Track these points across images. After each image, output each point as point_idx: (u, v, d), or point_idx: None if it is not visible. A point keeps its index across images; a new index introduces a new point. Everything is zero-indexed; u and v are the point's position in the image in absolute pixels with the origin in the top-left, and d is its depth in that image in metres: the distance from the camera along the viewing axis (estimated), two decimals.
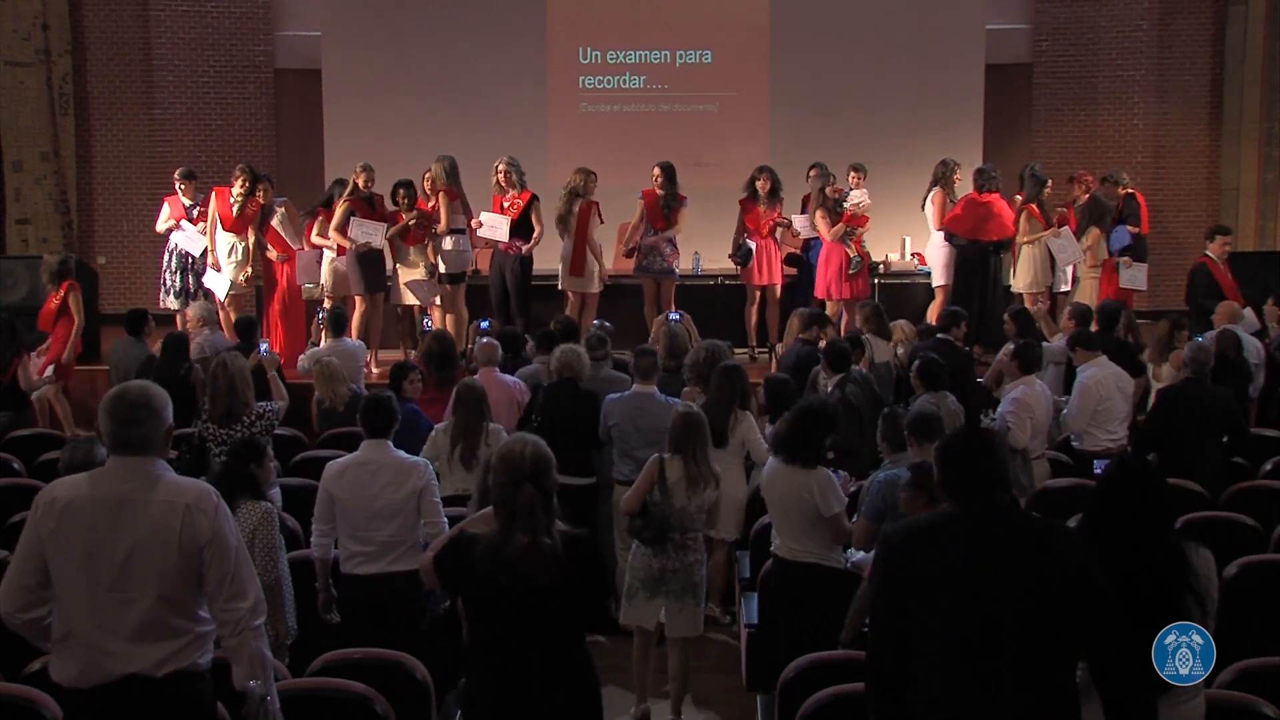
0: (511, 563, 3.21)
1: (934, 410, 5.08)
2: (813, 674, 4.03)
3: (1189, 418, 6.58)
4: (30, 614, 3.31)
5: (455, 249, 9.81)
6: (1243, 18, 12.71)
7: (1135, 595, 3.23)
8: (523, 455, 3.31)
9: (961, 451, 3.09)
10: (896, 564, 3.05)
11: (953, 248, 10.00)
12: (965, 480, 3.06)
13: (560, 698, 3.31)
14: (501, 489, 3.29)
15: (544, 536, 3.23)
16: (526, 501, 3.24)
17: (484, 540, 3.27)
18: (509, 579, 3.21)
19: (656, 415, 6.13)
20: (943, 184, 10.19)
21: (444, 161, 9.82)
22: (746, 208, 10.11)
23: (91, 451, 4.69)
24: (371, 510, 4.85)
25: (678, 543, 5.28)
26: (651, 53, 12.54)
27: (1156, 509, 3.39)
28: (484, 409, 6.16)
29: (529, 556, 3.21)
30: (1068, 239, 9.85)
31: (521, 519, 3.23)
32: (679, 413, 5.42)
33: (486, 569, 3.23)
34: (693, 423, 5.31)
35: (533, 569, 3.20)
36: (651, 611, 5.34)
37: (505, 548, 3.23)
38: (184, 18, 12.94)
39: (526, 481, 3.26)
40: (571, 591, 3.26)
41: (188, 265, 10.12)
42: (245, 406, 6.01)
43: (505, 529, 3.25)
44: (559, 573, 3.22)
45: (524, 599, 3.22)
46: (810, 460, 5.07)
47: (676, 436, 5.30)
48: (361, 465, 4.94)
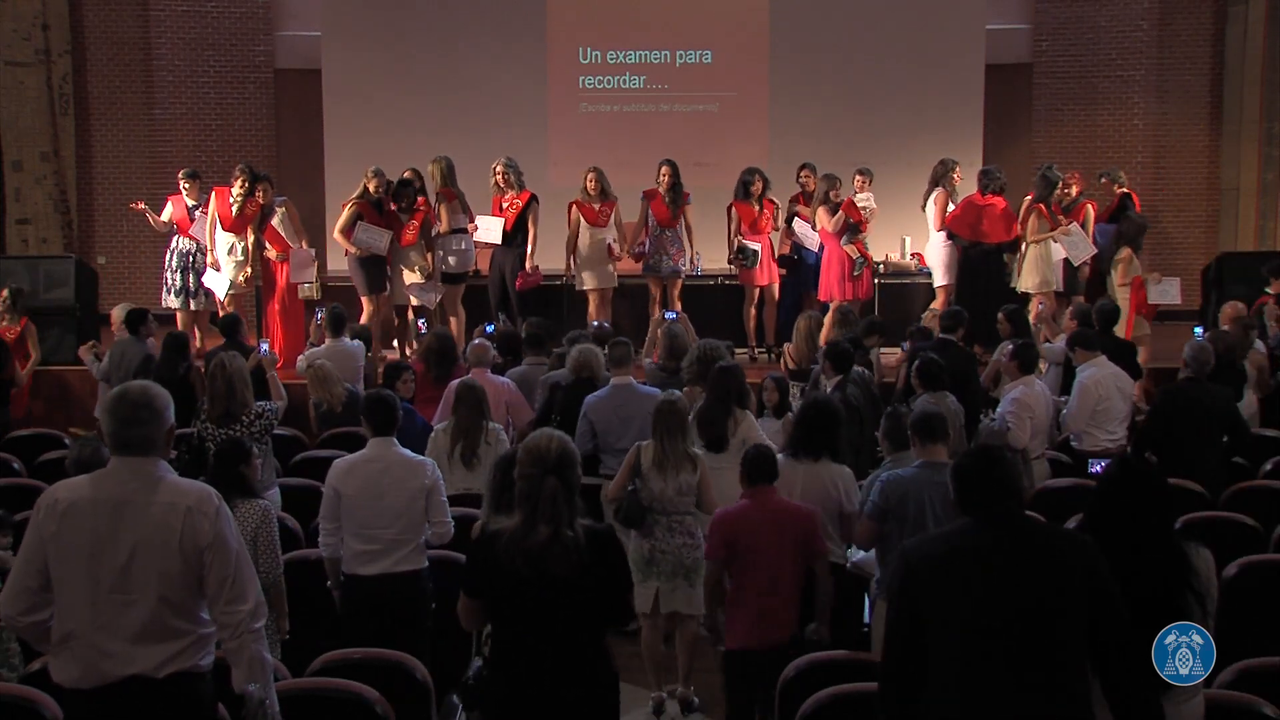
0: (533, 553, 3.23)
1: (937, 410, 5.08)
2: (813, 674, 4.03)
3: (1188, 417, 6.58)
4: (33, 617, 3.31)
5: (461, 248, 9.84)
6: (1243, 18, 12.71)
7: (1136, 595, 3.24)
8: (549, 449, 3.34)
9: (972, 469, 3.20)
10: (915, 576, 3.10)
11: (955, 248, 9.99)
12: (978, 495, 3.16)
13: (577, 693, 3.32)
14: (526, 480, 3.31)
15: (566, 529, 3.26)
16: (550, 493, 3.26)
17: (507, 532, 3.30)
18: (530, 569, 3.23)
19: (638, 404, 6.20)
20: (943, 184, 10.19)
21: (441, 162, 9.86)
22: (740, 209, 10.12)
23: (99, 449, 4.69)
24: (378, 508, 4.85)
25: (664, 525, 5.40)
26: (651, 53, 12.55)
27: (1157, 509, 3.40)
28: (484, 408, 6.17)
29: (550, 547, 3.23)
30: (1078, 235, 9.80)
31: (544, 510, 3.26)
32: (657, 400, 5.55)
33: (508, 559, 3.25)
34: (666, 409, 5.41)
35: (553, 560, 3.22)
36: (645, 594, 5.43)
37: (528, 538, 3.25)
38: (184, 18, 12.94)
39: (551, 474, 3.29)
40: (592, 584, 3.28)
41: (189, 264, 10.13)
42: (244, 407, 5.99)
43: (528, 520, 3.28)
44: (580, 564, 3.24)
45: (543, 591, 3.24)
46: (832, 455, 5.17)
47: (653, 422, 5.45)
48: (369, 463, 4.94)
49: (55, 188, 12.85)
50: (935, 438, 4.82)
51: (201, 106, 13.02)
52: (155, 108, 13.02)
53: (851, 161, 10.70)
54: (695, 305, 9.93)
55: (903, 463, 5.01)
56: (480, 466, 5.96)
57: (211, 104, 13.04)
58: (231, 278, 9.80)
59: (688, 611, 5.49)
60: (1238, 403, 7.07)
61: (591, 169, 9.85)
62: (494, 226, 9.71)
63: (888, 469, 5.09)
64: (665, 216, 9.89)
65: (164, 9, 12.89)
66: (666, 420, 5.40)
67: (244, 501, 4.74)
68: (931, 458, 4.79)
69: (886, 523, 4.75)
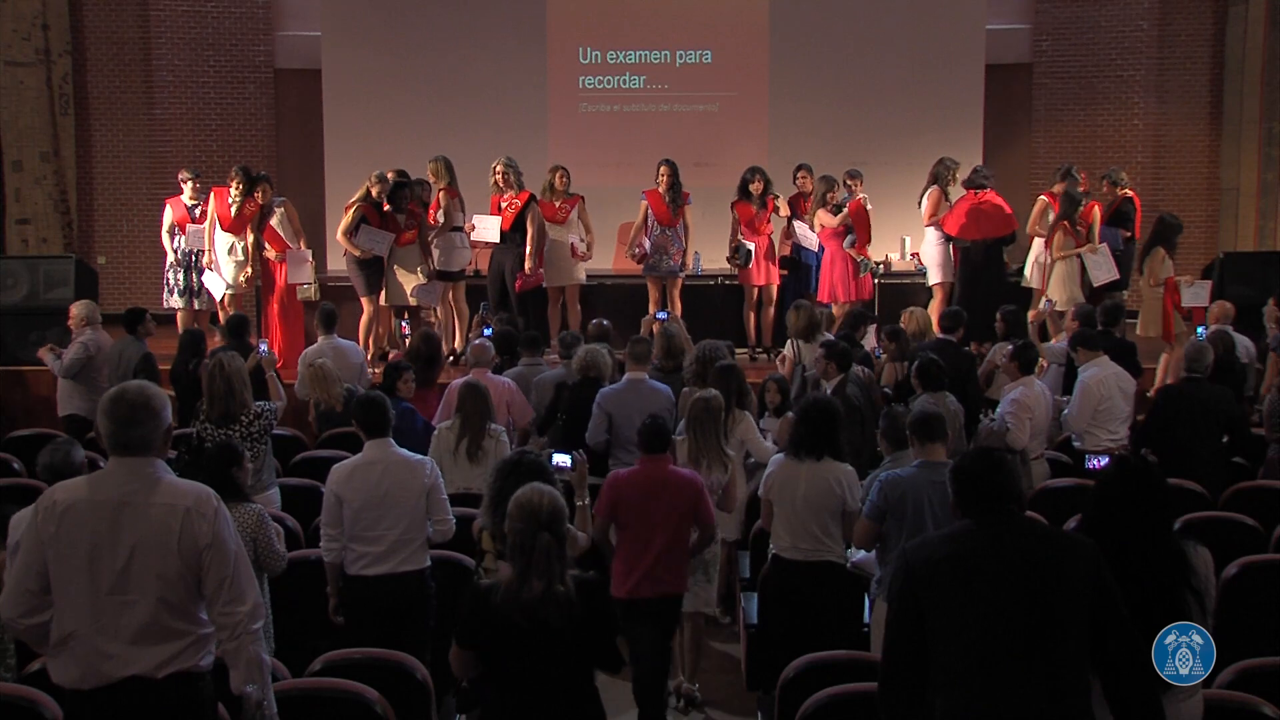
0: (529, 606, 3.37)
1: (936, 410, 5.09)
2: (813, 674, 4.04)
3: (1186, 417, 6.58)
4: (33, 619, 3.30)
5: (460, 246, 9.90)
6: (1243, 18, 12.71)
7: (1135, 594, 3.25)
8: (540, 505, 3.47)
9: (972, 471, 3.22)
10: (916, 578, 3.11)
11: (948, 246, 10.00)
12: (978, 497, 3.18)
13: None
14: (519, 535, 3.45)
15: (558, 583, 3.39)
16: (544, 550, 3.40)
17: (502, 587, 3.44)
18: (527, 621, 3.38)
19: (651, 399, 6.42)
20: (940, 183, 10.18)
21: (439, 161, 9.90)
22: (739, 209, 10.12)
23: (70, 454, 4.72)
24: (380, 509, 4.86)
25: None
26: (651, 53, 12.54)
27: (1155, 507, 3.40)
28: (488, 409, 6.16)
29: (544, 601, 3.37)
30: (1104, 256, 9.76)
31: (538, 566, 3.39)
32: (695, 395, 5.65)
33: (505, 613, 3.39)
34: (701, 406, 5.55)
35: (548, 612, 3.37)
36: None
37: (522, 592, 3.39)
38: (184, 18, 12.95)
39: (544, 530, 3.42)
40: (585, 634, 3.43)
41: (191, 264, 10.13)
42: (243, 407, 5.98)
43: (522, 575, 3.41)
44: (571, 615, 3.39)
45: (539, 640, 3.39)
46: (833, 454, 5.19)
47: (688, 419, 5.58)
48: (369, 465, 4.95)
49: (55, 188, 12.85)
50: (934, 438, 4.84)
51: (201, 106, 13.02)
52: (155, 108, 13.03)
53: (851, 161, 10.70)
54: (695, 305, 9.93)
55: (902, 462, 5.02)
56: (483, 466, 5.95)
57: (211, 104, 13.04)
58: (231, 278, 9.80)
59: (699, 609, 5.53)
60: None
61: (558, 167, 9.95)
62: (491, 225, 9.72)
63: (887, 468, 5.09)
64: (665, 216, 9.90)
65: (164, 9, 12.89)
66: (701, 417, 5.54)
67: (236, 505, 4.71)
68: (930, 458, 4.81)
69: (885, 523, 4.77)
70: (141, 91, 13.06)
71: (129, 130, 13.14)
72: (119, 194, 13.13)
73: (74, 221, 13.01)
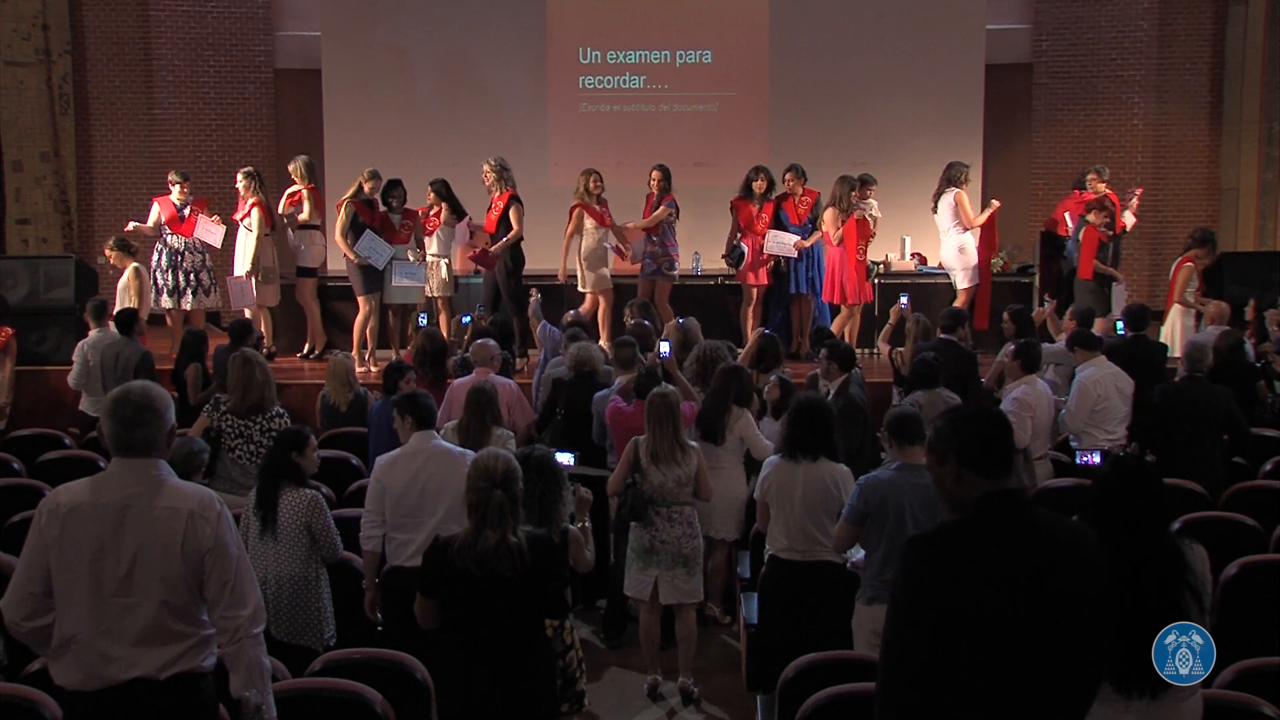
0: (482, 556, 3.65)
1: (914, 411, 4.98)
2: (813, 674, 4.03)
3: (1185, 416, 6.58)
4: (36, 621, 3.29)
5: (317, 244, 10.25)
6: (1243, 18, 12.72)
7: (1134, 593, 3.24)
8: (494, 467, 3.76)
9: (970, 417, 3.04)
10: (919, 575, 3.06)
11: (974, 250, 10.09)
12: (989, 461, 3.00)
13: (520, 680, 3.73)
14: (475, 493, 3.73)
15: (510, 535, 3.68)
16: (497, 505, 3.69)
17: (458, 539, 3.71)
18: (479, 570, 3.65)
19: None
20: (955, 185, 10.14)
21: (300, 162, 10.16)
22: (739, 207, 10.12)
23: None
24: (423, 497, 4.92)
25: (664, 516, 5.54)
26: (651, 53, 12.55)
27: (1152, 506, 3.39)
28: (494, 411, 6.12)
29: (496, 552, 3.65)
30: None
31: (492, 519, 3.68)
32: (653, 391, 5.67)
33: (460, 562, 3.66)
34: (656, 400, 5.57)
35: (499, 562, 3.65)
36: (646, 582, 5.58)
37: (477, 544, 3.67)
38: (184, 18, 12.96)
39: (497, 488, 3.71)
40: (533, 583, 3.69)
41: (179, 263, 10.15)
42: (271, 402, 6.12)
43: (477, 528, 3.70)
44: (522, 566, 3.66)
45: (491, 589, 3.65)
46: (829, 454, 5.19)
47: (646, 415, 5.60)
48: (413, 455, 5.02)
49: (55, 188, 12.86)
50: (913, 439, 4.69)
51: (201, 106, 13.03)
52: (155, 108, 13.03)
53: (851, 161, 10.70)
54: (695, 305, 9.92)
55: None
56: None
57: (211, 104, 13.05)
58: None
59: (687, 601, 5.60)
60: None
61: (593, 170, 9.82)
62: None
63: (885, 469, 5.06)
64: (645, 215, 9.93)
65: (164, 9, 12.90)
66: (656, 411, 5.54)
67: (293, 490, 4.94)
68: (909, 460, 4.69)
69: (865, 526, 4.71)
70: (141, 91, 13.07)
71: (129, 130, 13.15)
72: (119, 194, 13.14)
73: (74, 221, 13.02)
